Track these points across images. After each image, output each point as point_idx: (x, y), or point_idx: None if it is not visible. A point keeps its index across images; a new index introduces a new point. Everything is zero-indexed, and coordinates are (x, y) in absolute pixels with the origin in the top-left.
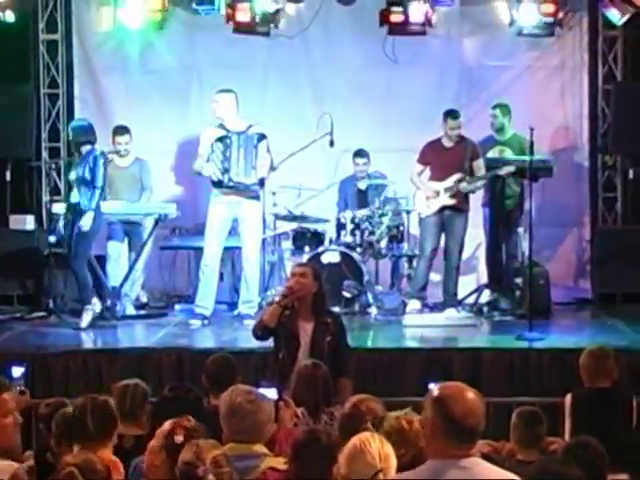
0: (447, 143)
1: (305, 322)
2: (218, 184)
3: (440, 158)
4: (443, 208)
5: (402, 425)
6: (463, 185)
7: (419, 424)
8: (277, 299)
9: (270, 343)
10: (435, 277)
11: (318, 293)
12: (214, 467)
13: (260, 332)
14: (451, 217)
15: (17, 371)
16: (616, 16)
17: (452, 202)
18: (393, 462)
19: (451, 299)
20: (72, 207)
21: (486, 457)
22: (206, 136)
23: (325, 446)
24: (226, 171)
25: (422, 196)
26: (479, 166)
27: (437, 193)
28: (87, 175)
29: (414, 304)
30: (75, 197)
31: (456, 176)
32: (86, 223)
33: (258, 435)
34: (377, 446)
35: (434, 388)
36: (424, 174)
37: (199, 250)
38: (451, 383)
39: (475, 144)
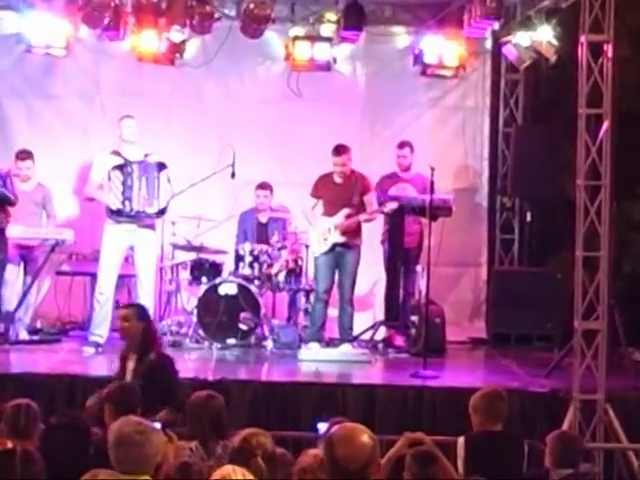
0: (337, 178)
1: (132, 358)
2: (117, 213)
3: (331, 193)
4: (334, 245)
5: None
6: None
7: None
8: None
9: None
10: (332, 312)
11: (145, 331)
12: None
13: None
14: (342, 253)
15: None
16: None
17: (342, 240)
18: None
19: (346, 333)
20: None
21: None
22: (99, 162)
23: None
24: (127, 200)
25: (315, 234)
26: (369, 200)
27: (328, 230)
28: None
29: (314, 347)
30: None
31: (345, 211)
32: None
33: (144, 466)
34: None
35: (326, 427)
36: (317, 208)
37: (95, 277)
38: (348, 425)
39: (365, 178)
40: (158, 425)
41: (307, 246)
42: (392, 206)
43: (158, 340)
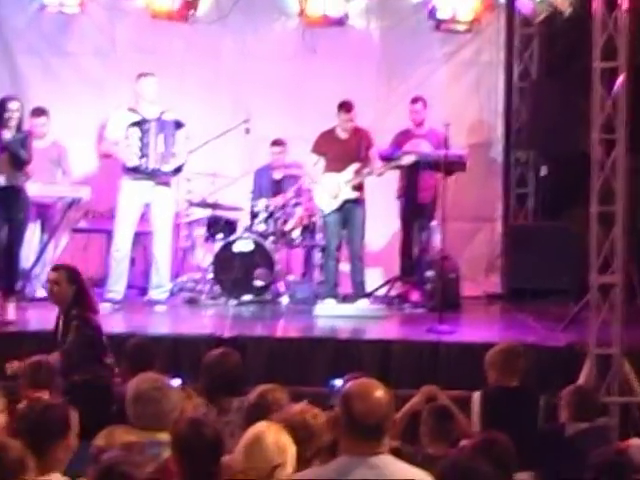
0: (342, 134)
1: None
2: (134, 170)
3: (336, 149)
4: (344, 202)
5: (307, 421)
6: (364, 175)
7: (322, 418)
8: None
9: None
10: (344, 267)
11: (76, 294)
12: (124, 452)
13: None
14: (351, 209)
15: None
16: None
17: (354, 195)
18: (291, 454)
19: (359, 288)
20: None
21: (397, 451)
22: (115, 119)
23: (209, 438)
24: (144, 157)
25: (322, 192)
26: (373, 155)
27: (338, 186)
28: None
29: (330, 303)
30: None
31: (354, 167)
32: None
33: (162, 423)
34: (273, 438)
35: (343, 382)
36: (319, 165)
37: (111, 234)
38: (361, 380)
39: (369, 132)
40: (176, 381)
41: None
42: (410, 159)
43: (92, 304)
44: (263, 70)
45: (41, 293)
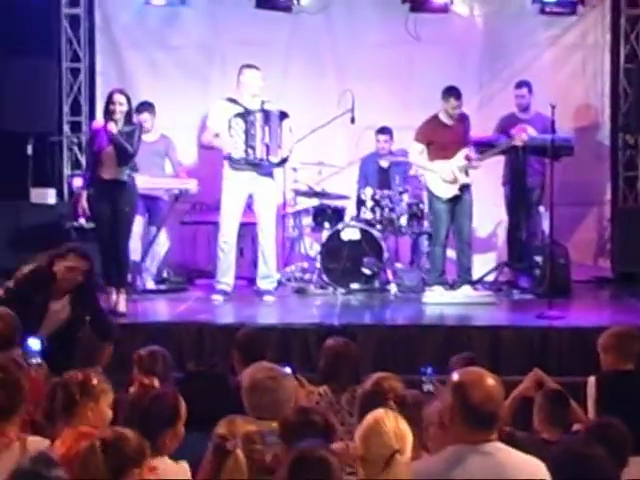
0: (448, 121)
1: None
2: (239, 161)
3: (443, 136)
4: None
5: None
6: (477, 160)
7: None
8: None
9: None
10: (451, 254)
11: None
12: (246, 443)
13: None
14: (460, 195)
15: (34, 344)
16: None
17: (468, 180)
18: (409, 441)
19: (466, 274)
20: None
21: (510, 435)
22: (217, 110)
23: (318, 427)
24: (250, 148)
25: (437, 179)
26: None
27: (452, 173)
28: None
29: (437, 290)
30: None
31: (464, 152)
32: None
33: (278, 412)
34: (392, 425)
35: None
36: (424, 154)
37: (218, 225)
38: (471, 369)
39: (469, 118)
40: (288, 370)
41: (429, 190)
42: (523, 138)
43: None
44: (367, 58)
45: (151, 285)
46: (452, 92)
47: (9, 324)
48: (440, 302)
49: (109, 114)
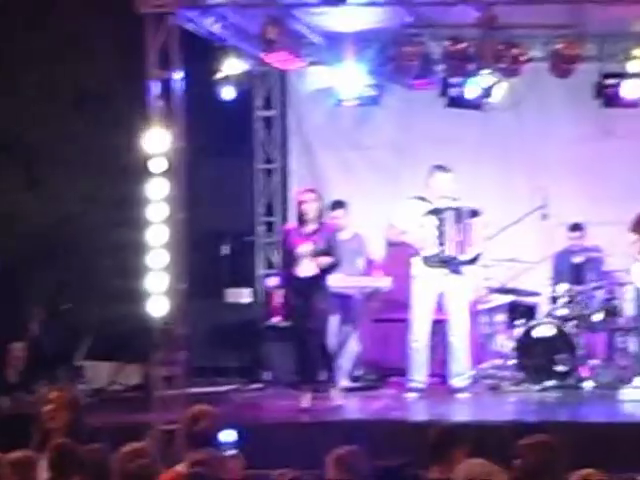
0: None
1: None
2: (430, 258)
3: None
4: None
5: None
6: None
7: None
8: None
9: None
10: None
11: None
12: None
13: None
14: None
15: (227, 435)
16: None
17: None
18: None
19: None
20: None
21: None
22: (405, 207)
23: None
24: (441, 245)
25: None
26: None
27: None
28: (326, 248)
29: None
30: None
31: None
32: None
33: None
34: None
35: None
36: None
37: (409, 323)
38: None
39: None
40: None
41: (621, 284)
42: None
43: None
44: (558, 154)
45: (345, 383)
46: None
47: (218, 421)
48: (638, 399)
49: (301, 215)
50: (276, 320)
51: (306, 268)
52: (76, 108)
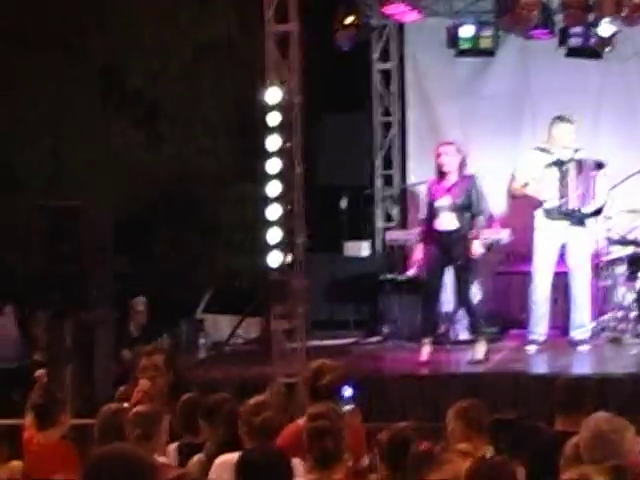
0: None
1: None
2: (551, 211)
3: None
4: None
5: None
6: None
7: None
8: None
9: None
10: None
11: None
12: None
13: None
14: None
15: (347, 391)
16: None
17: None
18: None
19: None
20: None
21: None
22: (527, 159)
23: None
24: (564, 198)
25: None
26: None
27: None
28: (466, 201)
29: None
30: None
31: None
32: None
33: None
34: None
35: None
36: None
37: (531, 276)
38: None
39: None
40: None
41: None
42: None
43: None
44: None
45: (464, 336)
46: None
47: (341, 375)
48: None
49: (440, 168)
50: (412, 273)
51: (445, 221)
52: (195, 63)
